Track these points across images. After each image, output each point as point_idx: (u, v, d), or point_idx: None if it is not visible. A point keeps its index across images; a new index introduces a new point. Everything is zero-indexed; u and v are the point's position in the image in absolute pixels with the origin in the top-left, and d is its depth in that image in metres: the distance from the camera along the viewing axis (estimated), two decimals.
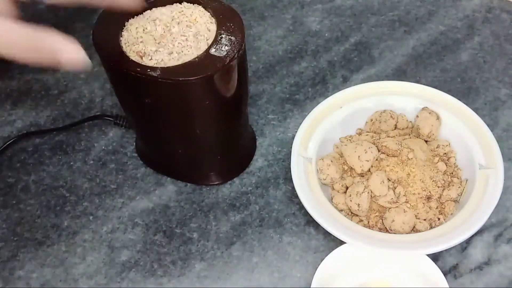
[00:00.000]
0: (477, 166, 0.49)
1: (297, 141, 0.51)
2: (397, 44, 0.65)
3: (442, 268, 0.46)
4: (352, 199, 0.48)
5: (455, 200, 0.50)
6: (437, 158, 0.51)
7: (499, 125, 0.57)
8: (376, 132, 0.54)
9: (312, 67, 0.63)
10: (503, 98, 0.60)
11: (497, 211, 0.50)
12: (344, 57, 0.64)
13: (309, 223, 0.51)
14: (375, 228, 0.49)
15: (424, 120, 0.52)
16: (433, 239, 0.45)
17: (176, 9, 0.49)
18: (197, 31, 0.47)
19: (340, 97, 0.55)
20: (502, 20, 0.67)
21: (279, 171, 0.55)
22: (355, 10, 0.69)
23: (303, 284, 0.48)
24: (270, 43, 0.66)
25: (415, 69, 0.63)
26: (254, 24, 0.68)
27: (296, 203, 0.52)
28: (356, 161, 0.50)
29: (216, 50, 0.45)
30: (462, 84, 0.61)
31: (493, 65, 0.63)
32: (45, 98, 0.62)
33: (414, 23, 0.67)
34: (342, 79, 0.62)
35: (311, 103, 0.59)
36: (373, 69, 0.63)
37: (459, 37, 0.65)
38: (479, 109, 0.58)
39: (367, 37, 0.66)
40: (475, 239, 0.50)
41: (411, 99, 0.54)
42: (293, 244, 0.50)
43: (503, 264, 0.48)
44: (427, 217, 0.49)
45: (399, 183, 0.49)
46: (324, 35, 0.67)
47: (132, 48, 0.46)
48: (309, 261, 0.49)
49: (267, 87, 0.62)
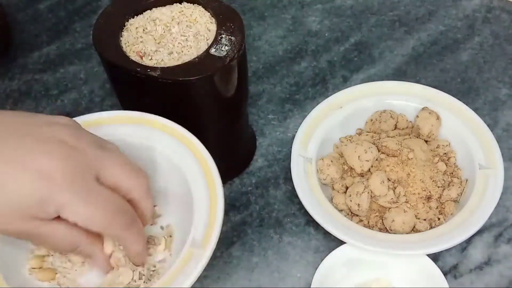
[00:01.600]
0: (477, 166, 0.49)
1: (297, 141, 0.51)
2: (397, 44, 0.65)
3: (442, 268, 0.46)
4: (352, 199, 0.48)
5: (455, 200, 0.50)
6: (437, 158, 0.51)
7: (499, 125, 0.57)
8: (376, 132, 0.54)
9: (312, 67, 0.63)
10: (503, 98, 0.60)
11: (497, 211, 0.50)
12: (344, 57, 0.64)
13: (309, 223, 0.51)
14: (375, 228, 0.49)
15: (424, 120, 0.52)
16: (433, 239, 0.45)
17: (176, 9, 0.49)
18: (197, 31, 0.47)
19: (340, 97, 0.55)
20: (502, 20, 0.67)
21: (279, 171, 0.55)
22: (355, 10, 0.69)
23: (303, 284, 0.48)
24: (270, 43, 0.66)
25: (415, 69, 0.63)
26: (254, 24, 0.68)
27: (296, 203, 0.52)
28: (356, 161, 0.50)
29: (216, 50, 0.45)
30: (462, 84, 0.61)
31: (493, 65, 0.63)
32: (45, 98, 0.62)
33: (414, 23, 0.67)
34: (342, 79, 0.62)
35: (311, 103, 0.59)
36: (373, 69, 0.63)
37: (459, 37, 0.66)
38: (479, 109, 0.58)
39: (367, 37, 0.66)
40: (475, 239, 0.50)
41: (411, 99, 0.54)
42: (293, 244, 0.50)
43: (503, 264, 0.48)
44: (427, 217, 0.49)
45: (399, 183, 0.49)
46: (324, 35, 0.67)
47: (132, 48, 0.46)
48: (309, 261, 0.49)
49: (267, 87, 0.62)
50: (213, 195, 0.42)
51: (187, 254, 0.39)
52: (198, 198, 0.42)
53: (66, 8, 0.71)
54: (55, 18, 0.70)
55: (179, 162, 0.44)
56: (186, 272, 0.38)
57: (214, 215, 0.40)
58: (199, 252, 0.39)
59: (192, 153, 0.44)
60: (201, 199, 0.42)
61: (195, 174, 0.43)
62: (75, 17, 0.70)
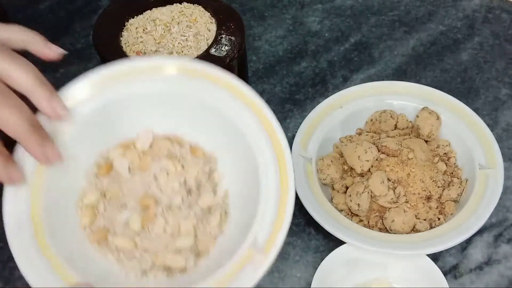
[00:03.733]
0: (477, 166, 0.49)
1: (297, 141, 0.51)
2: (397, 44, 0.65)
3: (442, 268, 0.46)
4: (352, 199, 0.48)
5: (455, 200, 0.50)
6: (437, 158, 0.51)
7: (499, 125, 0.57)
8: (376, 132, 0.54)
9: (312, 67, 0.63)
10: (503, 98, 0.60)
11: (497, 211, 0.50)
12: (344, 57, 0.64)
13: (309, 223, 0.51)
14: (375, 228, 0.49)
15: (424, 120, 0.52)
16: (433, 239, 0.45)
17: (176, 9, 0.49)
18: (197, 31, 0.47)
19: (340, 97, 0.55)
20: (502, 20, 0.67)
21: None
22: (355, 10, 0.69)
23: (303, 284, 0.48)
24: (270, 43, 0.66)
25: (415, 69, 0.63)
26: (254, 24, 0.68)
27: (296, 203, 0.52)
28: (356, 161, 0.50)
29: (216, 50, 0.45)
30: (462, 84, 0.61)
31: (493, 65, 0.63)
32: None
33: (414, 23, 0.67)
34: (342, 79, 0.62)
35: (311, 103, 0.59)
36: (373, 69, 0.63)
37: (459, 37, 0.66)
38: (479, 109, 0.58)
39: (367, 37, 0.66)
40: (475, 239, 0.50)
41: (411, 99, 0.54)
42: (293, 244, 0.50)
43: (503, 264, 0.48)
44: (427, 217, 0.49)
45: (399, 183, 0.49)
46: (324, 35, 0.67)
47: (132, 48, 0.46)
48: (309, 261, 0.49)
49: (267, 87, 0.62)
50: (284, 180, 0.35)
51: (245, 256, 0.34)
52: (266, 181, 0.36)
53: (66, 8, 0.71)
54: (55, 18, 0.70)
55: (244, 127, 0.38)
56: (242, 278, 0.33)
57: (283, 212, 0.35)
58: (259, 258, 0.34)
59: (258, 118, 0.38)
60: (270, 183, 0.36)
61: (263, 147, 0.37)
62: (75, 17, 0.70)
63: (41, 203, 0.36)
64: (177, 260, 0.37)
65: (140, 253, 0.38)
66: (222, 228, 0.39)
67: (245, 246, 0.34)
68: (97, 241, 0.38)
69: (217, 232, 0.38)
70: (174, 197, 0.39)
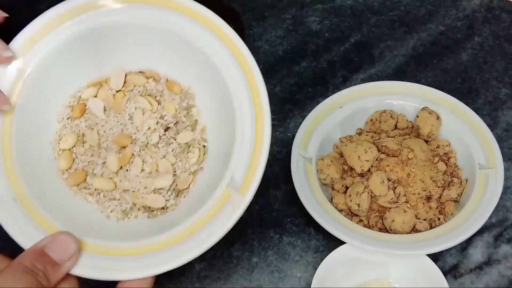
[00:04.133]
0: (477, 166, 0.49)
1: (297, 141, 0.51)
2: (397, 44, 0.65)
3: (442, 268, 0.46)
4: (352, 199, 0.48)
5: (455, 200, 0.50)
6: (437, 158, 0.51)
7: (499, 125, 0.57)
8: (376, 132, 0.54)
9: (312, 67, 0.63)
10: (503, 98, 0.60)
11: (497, 211, 0.50)
12: (344, 57, 0.64)
13: (309, 223, 0.51)
14: (375, 228, 0.49)
15: (424, 120, 0.52)
16: (433, 239, 0.45)
17: None
18: None
19: (340, 97, 0.55)
20: (502, 20, 0.67)
21: (279, 171, 0.55)
22: (355, 10, 0.69)
23: (303, 284, 0.48)
24: (270, 43, 0.66)
25: (415, 69, 0.63)
26: (254, 24, 0.68)
27: (296, 203, 0.52)
28: (356, 161, 0.50)
29: None
30: (462, 84, 0.61)
31: (493, 65, 0.63)
32: None
33: (414, 23, 0.67)
34: (342, 79, 0.62)
35: (311, 103, 0.59)
36: (373, 69, 0.63)
37: (459, 37, 0.65)
38: (479, 109, 0.58)
39: (367, 37, 0.66)
40: (475, 239, 0.50)
41: (411, 99, 0.54)
42: (293, 244, 0.50)
43: (503, 264, 0.48)
44: (427, 217, 0.49)
45: (399, 183, 0.49)
46: (324, 35, 0.67)
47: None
48: (309, 261, 0.49)
49: (267, 87, 0.61)
50: (260, 116, 0.36)
51: (223, 195, 0.34)
52: (242, 117, 0.36)
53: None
54: None
55: (220, 64, 0.38)
56: (221, 218, 0.34)
57: (259, 152, 0.35)
58: (238, 197, 0.34)
59: (232, 52, 0.38)
60: (245, 120, 0.36)
61: (236, 79, 0.37)
62: None
63: (13, 151, 0.36)
64: (157, 199, 0.37)
65: (120, 194, 0.38)
66: (201, 165, 0.39)
67: (224, 183, 0.35)
68: (76, 183, 0.38)
69: (196, 168, 0.38)
70: (151, 135, 0.38)
